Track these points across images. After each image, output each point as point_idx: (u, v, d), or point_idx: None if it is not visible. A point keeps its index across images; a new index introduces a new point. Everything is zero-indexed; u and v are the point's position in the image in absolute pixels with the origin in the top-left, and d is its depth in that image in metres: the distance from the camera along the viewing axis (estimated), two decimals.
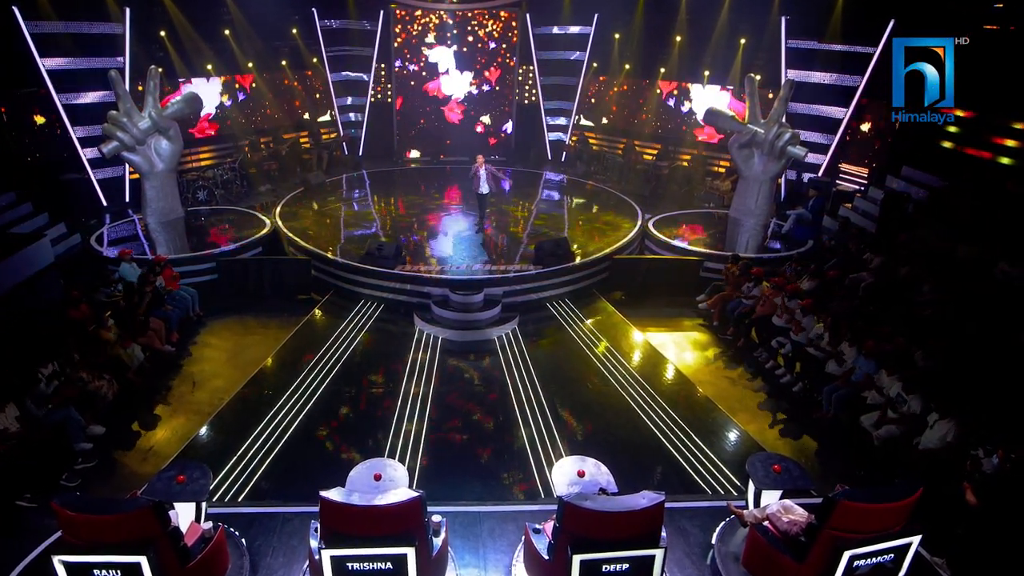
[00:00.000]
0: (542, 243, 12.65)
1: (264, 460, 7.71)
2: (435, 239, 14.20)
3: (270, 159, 18.66)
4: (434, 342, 10.83)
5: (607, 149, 20.71)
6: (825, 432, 8.41)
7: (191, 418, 8.60)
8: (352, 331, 11.02)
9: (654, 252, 13.97)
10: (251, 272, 12.47)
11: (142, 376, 9.17)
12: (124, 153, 13.03)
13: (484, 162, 13.93)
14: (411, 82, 20.86)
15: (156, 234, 13.70)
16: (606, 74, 20.80)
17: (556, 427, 8.49)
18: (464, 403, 9.08)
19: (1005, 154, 12.56)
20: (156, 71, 13.36)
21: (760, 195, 13.43)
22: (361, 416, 8.73)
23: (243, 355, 10.22)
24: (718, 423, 8.66)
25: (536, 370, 9.89)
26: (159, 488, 5.23)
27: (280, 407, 8.77)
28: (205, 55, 17.86)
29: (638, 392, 9.32)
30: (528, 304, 12.09)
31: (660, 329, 11.44)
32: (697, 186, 17.92)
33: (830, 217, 14.58)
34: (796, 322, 9.47)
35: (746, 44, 17.49)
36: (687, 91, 19.38)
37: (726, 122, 13.64)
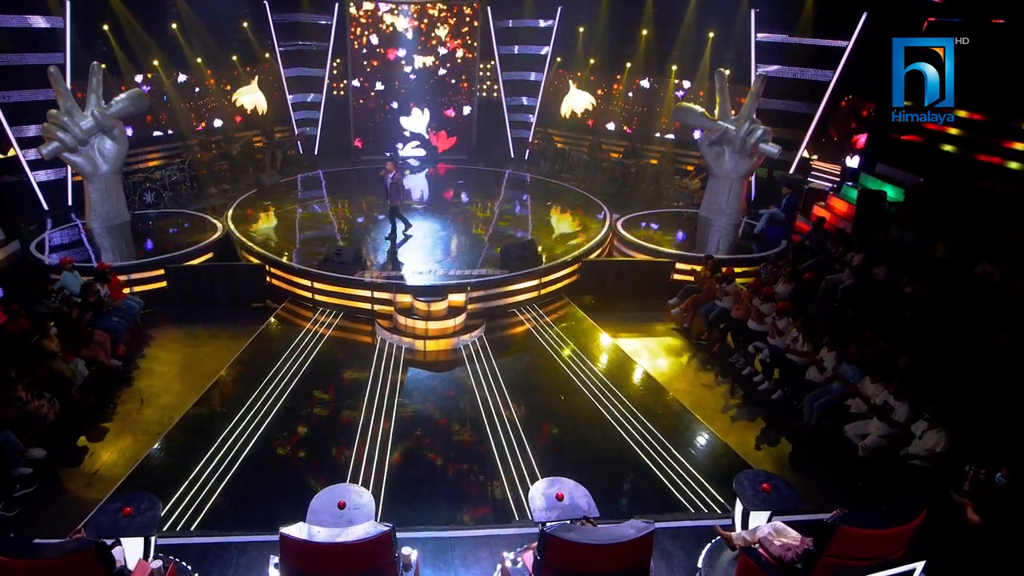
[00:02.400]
0: (508, 246, 12.38)
1: (218, 484, 7.34)
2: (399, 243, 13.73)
3: (220, 159, 18.16)
4: (397, 352, 10.52)
5: (572, 147, 20.53)
6: (807, 442, 8.30)
7: (139, 438, 8.23)
8: (310, 342, 10.65)
9: (624, 254, 13.84)
10: (202, 279, 12.05)
11: (86, 393, 8.80)
12: (65, 154, 12.69)
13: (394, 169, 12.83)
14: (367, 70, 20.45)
15: (101, 240, 13.30)
16: (570, 69, 20.67)
17: (528, 442, 8.24)
18: (430, 418, 8.80)
19: (985, 151, 12.40)
20: (99, 67, 13.02)
21: (731, 193, 13.45)
22: (321, 434, 8.41)
23: (194, 369, 9.86)
24: (697, 434, 8.51)
25: (505, 380, 9.64)
26: (104, 523, 4.90)
27: (234, 426, 8.40)
28: (151, 51, 17.34)
29: (612, 403, 9.13)
30: (495, 310, 11.82)
31: (632, 335, 11.29)
32: (666, 184, 17.87)
33: (803, 216, 14.65)
34: (773, 326, 9.41)
35: (715, 38, 17.43)
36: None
37: (695, 119, 13.61)
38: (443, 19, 20.06)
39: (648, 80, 19.42)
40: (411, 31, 19.96)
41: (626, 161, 18.74)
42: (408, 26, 19.90)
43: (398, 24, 19.87)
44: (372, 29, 19.96)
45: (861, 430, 7.53)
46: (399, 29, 19.93)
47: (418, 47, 20.22)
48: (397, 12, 19.78)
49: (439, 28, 20.13)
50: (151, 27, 17.09)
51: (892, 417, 7.25)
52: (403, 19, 19.86)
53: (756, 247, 13.88)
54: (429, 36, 20.16)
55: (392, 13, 19.78)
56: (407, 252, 13.06)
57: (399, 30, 19.95)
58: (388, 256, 12.90)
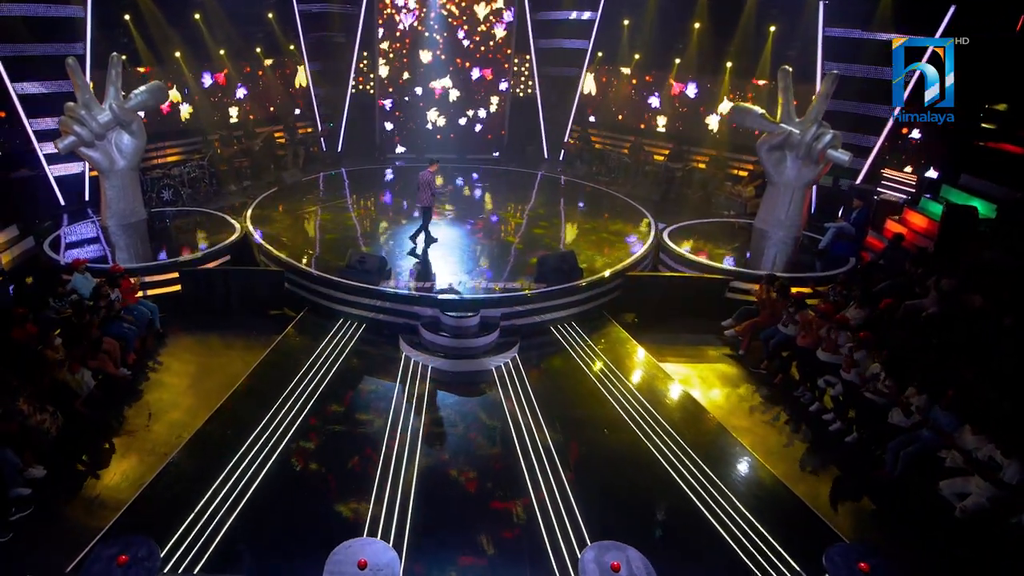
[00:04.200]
0: (545, 257, 11.73)
1: (227, 517, 6.86)
2: (427, 250, 13.18)
3: (241, 155, 17.95)
4: (423, 371, 9.95)
5: (612, 148, 19.87)
6: (890, 496, 7.49)
7: (145, 459, 7.88)
8: (329, 357, 10.15)
9: (670, 267, 13.11)
10: (217, 284, 11.75)
11: (91, 406, 8.56)
12: (82, 149, 12.62)
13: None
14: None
15: (116, 238, 13.20)
16: (613, 65, 20.00)
17: (569, 485, 7.55)
18: (458, 451, 8.22)
19: None
20: (118, 58, 12.89)
21: (792, 204, 12.62)
22: (339, 461, 7.89)
23: (206, 381, 9.56)
24: (762, 483, 7.70)
25: (542, 410, 8.97)
26: (96, 573, 4.66)
27: (245, 451, 7.91)
28: (173, 42, 17.15)
29: (663, 440, 8.37)
30: (530, 328, 11.16)
31: (681, 360, 10.56)
32: (715, 191, 17.04)
33: (873, 230, 13.66)
34: (848, 358, 8.60)
35: (777, 32, 16.45)
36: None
37: (755, 120, 12.82)
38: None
39: (692, 83, 18.63)
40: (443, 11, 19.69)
41: (671, 165, 17.98)
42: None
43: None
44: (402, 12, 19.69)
45: (959, 488, 6.69)
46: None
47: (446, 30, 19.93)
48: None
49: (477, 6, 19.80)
50: (173, 18, 16.92)
51: (999, 477, 6.41)
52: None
53: (818, 264, 12.98)
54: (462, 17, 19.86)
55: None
56: (434, 261, 12.51)
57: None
58: (416, 264, 12.37)
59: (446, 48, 19.98)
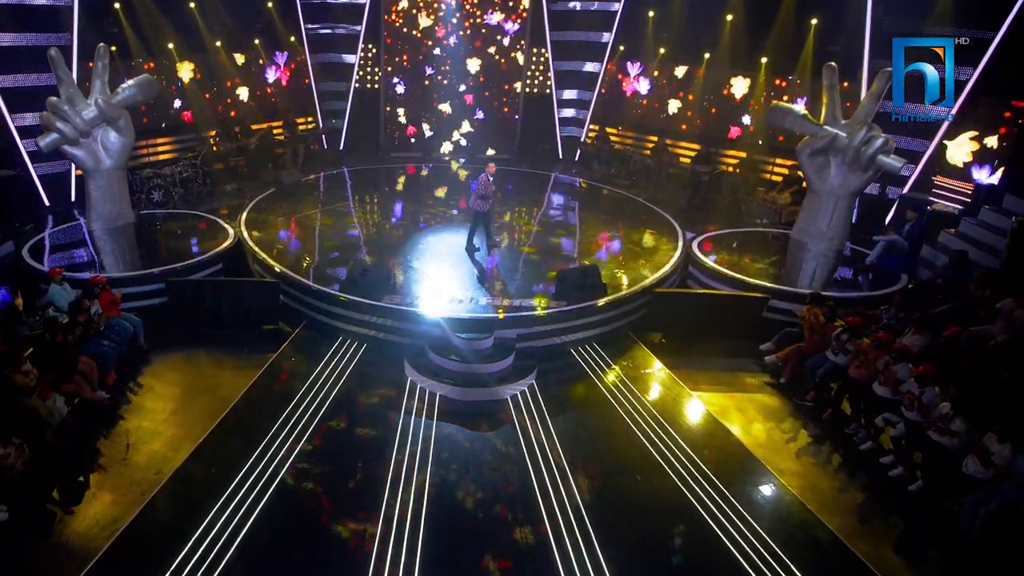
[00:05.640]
0: (565, 272, 10.96)
1: (210, 573, 6.21)
2: (434, 261, 12.49)
3: (237, 153, 17.44)
4: (430, 400, 9.23)
5: (632, 149, 19.13)
6: (968, 557, 6.73)
7: (120, 498, 7.26)
8: (327, 381, 9.47)
9: (700, 282, 12.34)
10: (207, 296, 11.15)
11: (63, 436, 8.01)
12: (65, 147, 12.14)
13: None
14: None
15: (101, 243, 12.69)
16: (636, 59, 19.29)
17: (596, 537, 6.80)
18: (469, 497, 7.52)
19: None
20: (105, 49, 12.36)
21: (836, 214, 11.78)
22: (337, 506, 7.22)
23: (191, 407, 8.95)
24: (819, 541, 6.84)
25: (565, 450, 8.18)
26: None
27: (232, 493, 7.22)
28: (165, 32, 16.69)
29: (701, 485, 7.57)
30: (547, 350, 10.41)
31: (716, 388, 9.78)
32: (747, 197, 16.25)
33: (928, 246, 12.71)
34: (911, 395, 7.78)
35: (819, 25, 15.61)
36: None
37: (795, 122, 11.98)
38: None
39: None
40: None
41: (698, 168, 17.18)
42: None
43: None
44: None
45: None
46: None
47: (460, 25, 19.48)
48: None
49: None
50: (166, 6, 16.50)
51: None
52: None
53: (864, 280, 12.14)
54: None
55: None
56: (442, 274, 11.79)
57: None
58: (423, 278, 11.67)
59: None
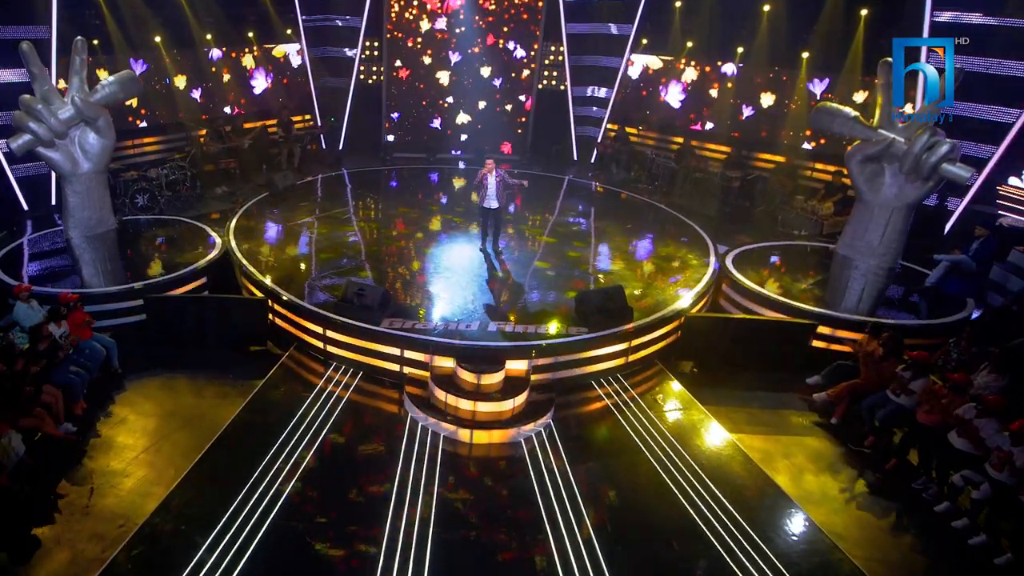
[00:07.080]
0: (586, 293, 10.14)
1: None
2: (439, 278, 11.71)
3: (227, 154, 16.79)
4: (432, 441, 8.44)
5: (655, 151, 18.31)
6: None
7: (81, 552, 6.64)
8: (318, 415, 8.78)
9: (736, 303, 11.52)
10: (190, 315, 10.54)
11: (19, 480, 7.38)
12: (39, 149, 11.40)
13: (495, 167, 12.02)
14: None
15: (79, 252, 12.03)
16: (660, 53, 18.53)
17: None
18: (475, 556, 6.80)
19: None
20: (84, 44, 11.59)
21: (890, 228, 10.77)
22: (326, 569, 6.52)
23: (165, 444, 8.30)
24: None
25: (587, 506, 7.37)
26: None
27: (208, 548, 6.57)
28: (151, 25, 16.10)
29: (746, 551, 6.77)
30: (564, 382, 9.64)
31: (757, 429, 8.86)
32: (784, 206, 15.29)
33: (997, 265, 11.82)
34: (1000, 451, 6.83)
35: (869, 16, 14.63)
36: None
37: (846, 125, 10.94)
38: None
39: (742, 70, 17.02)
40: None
41: (728, 173, 16.24)
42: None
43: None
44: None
45: None
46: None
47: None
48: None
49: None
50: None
51: None
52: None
53: (924, 305, 11.24)
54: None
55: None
56: (446, 293, 11.04)
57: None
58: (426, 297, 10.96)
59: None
